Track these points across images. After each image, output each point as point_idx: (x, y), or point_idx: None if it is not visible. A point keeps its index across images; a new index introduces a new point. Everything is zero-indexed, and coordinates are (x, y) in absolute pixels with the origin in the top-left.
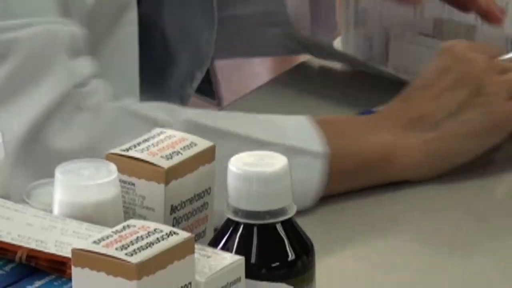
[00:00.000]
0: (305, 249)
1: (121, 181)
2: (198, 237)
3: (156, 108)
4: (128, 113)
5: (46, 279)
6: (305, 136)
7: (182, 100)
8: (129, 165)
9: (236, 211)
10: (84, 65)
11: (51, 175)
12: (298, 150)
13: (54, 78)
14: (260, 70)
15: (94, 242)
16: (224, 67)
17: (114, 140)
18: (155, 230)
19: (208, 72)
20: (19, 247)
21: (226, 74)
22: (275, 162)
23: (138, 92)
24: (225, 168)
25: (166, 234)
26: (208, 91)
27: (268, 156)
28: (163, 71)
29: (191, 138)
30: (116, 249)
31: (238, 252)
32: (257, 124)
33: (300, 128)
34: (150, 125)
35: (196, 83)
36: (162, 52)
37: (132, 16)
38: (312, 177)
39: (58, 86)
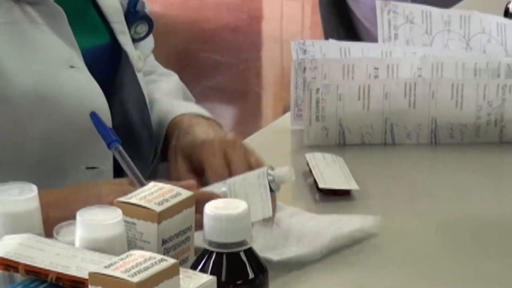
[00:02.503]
0: (261, 270)
1: (125, 221)
2: (182, 262)
3: None
4: None
5: None
6: None
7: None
8: (131, 210)
9: (210, 243)
10: None
11: None
12: None
13: None
14: None
15: (105, 267)
16: None
17: None
18: (150, 257)
19: None
20: (50, 271)
21: None
22: (239, 206)
23: None
24: None
25: (158, 260)
26: None
27: (233, 202)
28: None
29: (176, 189)
30: (121, 271)
31: (212, 273)
32: None
33: None
34: None
35: None
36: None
37: None
38: None
39: None
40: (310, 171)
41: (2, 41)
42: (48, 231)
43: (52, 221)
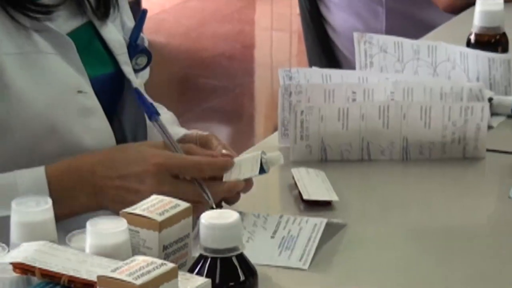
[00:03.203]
0: (251, 273)
1: (130, 230)
2: (181, 266)
3: None
4: None
5: None
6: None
7: None
8: (135, 219)
9: (206, 249)
10: None
11: None
12: None
13: None
14: None
15: (112, 270)
16: None
17: None
18: (152, 262)
19: None
20: (63, 274)
21: None
22: (231, 216)
23: None
24: None
25: (159, 265)
26: None
27: (225, 212)
28: None
29: (175, 201)
30: (126, 275)
31: (207, 276)
32: None
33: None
34: None
35: None
36: None
37: None
38: None
39: None
40: (295, 184)
41: (17, 70)
42: (94, 187)
43: (98, 178)
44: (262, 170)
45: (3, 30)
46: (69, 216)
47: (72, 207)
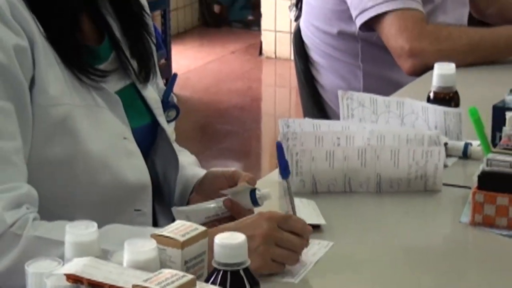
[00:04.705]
0: (255, 283)
1: (159, 248)
2: (199, 277)
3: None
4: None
5: None
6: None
7: None
8: (163, 240)
9: (219, 263)
10: (16, 212)
11: None
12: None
13: None
14: None
15: (144, 280)
16: None
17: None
18: (175, 274)
19: None
20: (105, 284)
21: None
22: (239, 237)
23: None
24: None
25: (181, 276)
26: None
27: (235, 234)
28: None
29: (194, 225)
30: (155, 284)
31: (219, 285)
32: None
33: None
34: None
35: None
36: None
37: None
38: None
39: None
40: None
41: (82, 118)
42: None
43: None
44: (256, 204)
45: (73, 87)
46: None
47: None
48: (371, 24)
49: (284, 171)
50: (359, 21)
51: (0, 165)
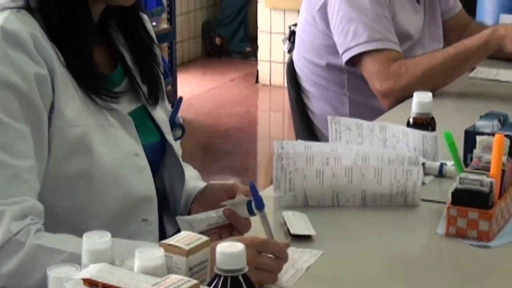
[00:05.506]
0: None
1: (166, 255)
2: (202, 282)
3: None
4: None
5: None
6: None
7: None
8: (170, 248)
9: (220, 269)
10: (21, 222)
11: None
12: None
13: None
14: None
15: (153, 285)
16: None
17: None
18: (181, 279)
19: None
20: (118, 287)
21: None
22: (238, 246)
23: None
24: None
25: (186, 281)
26: None
27: (234, 244)
28: None
29: (198, 235)
30: None
31: None
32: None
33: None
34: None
35: None
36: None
37: None
38: None
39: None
40: (285, 222)
41: (96, 137)
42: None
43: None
44: (252, 214)
45: (89, 109)
46: None
47: None
48: (354, 61)
49: (260, 205)
50: (344, 58)
51: (12, 181)
